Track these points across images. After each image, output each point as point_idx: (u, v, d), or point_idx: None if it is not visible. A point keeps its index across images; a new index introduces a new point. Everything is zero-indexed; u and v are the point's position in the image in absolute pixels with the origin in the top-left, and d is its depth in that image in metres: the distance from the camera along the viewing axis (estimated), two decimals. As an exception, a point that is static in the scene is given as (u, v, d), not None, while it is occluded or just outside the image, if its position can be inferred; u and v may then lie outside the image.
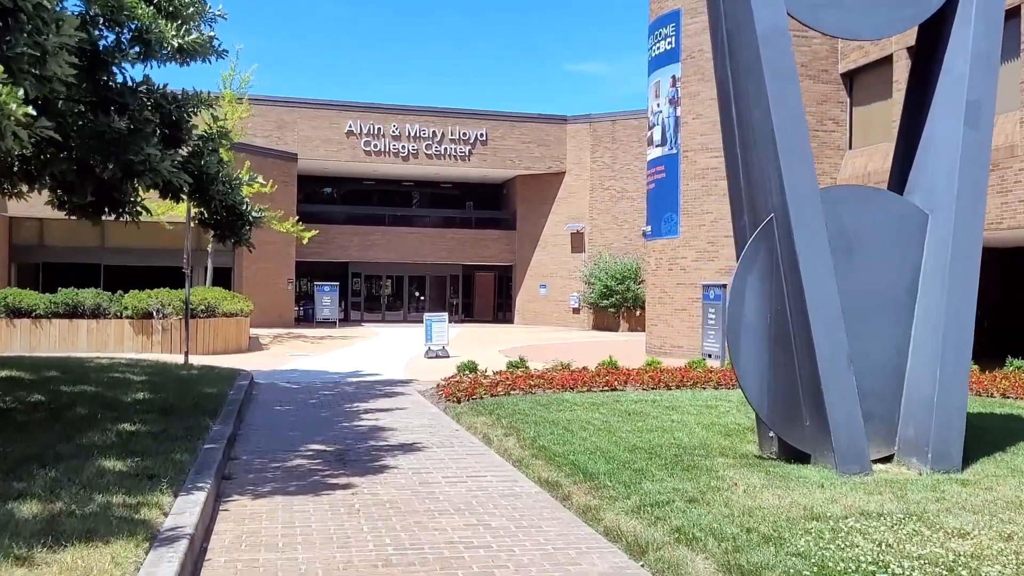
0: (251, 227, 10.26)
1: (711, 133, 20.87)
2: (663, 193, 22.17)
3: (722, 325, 16.33)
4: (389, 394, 13.82)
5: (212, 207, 9.56)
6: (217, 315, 22.51)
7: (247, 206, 10.06)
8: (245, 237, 10.33)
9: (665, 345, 21.97)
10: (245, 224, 10.09)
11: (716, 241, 20.94)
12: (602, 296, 34.59)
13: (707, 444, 8.59)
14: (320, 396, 13.46)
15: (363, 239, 38.55)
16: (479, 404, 11.50)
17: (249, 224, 10.16)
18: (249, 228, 10.25)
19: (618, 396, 12.07)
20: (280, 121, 35.35)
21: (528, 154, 37.91)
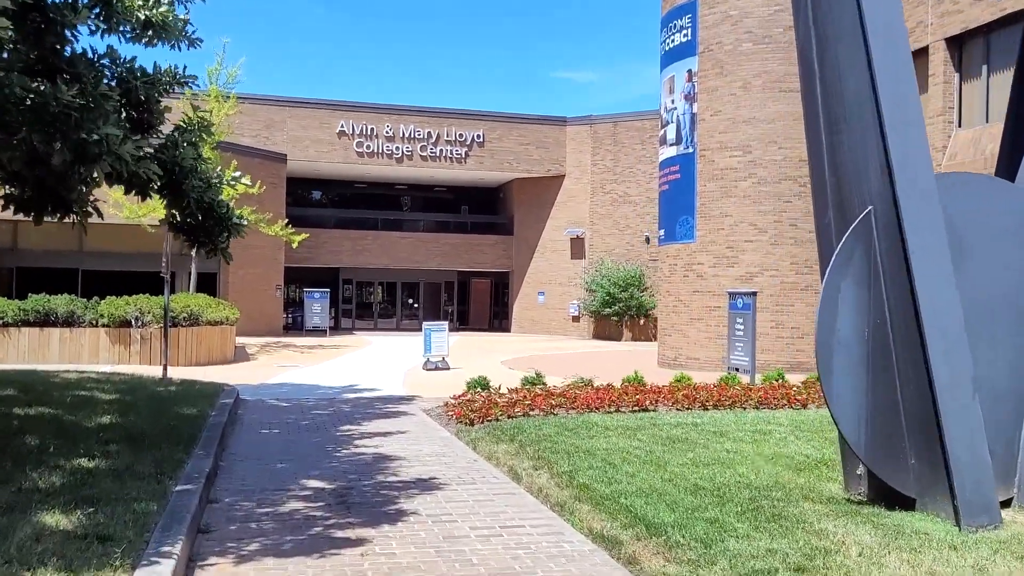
0: (231, 234, 8.79)
1: (730, 131, 19.59)
2: (678, 195, 20.84)
3: (752, 336, 15.00)
4: (390, 414, 12.38)
5: (186, 206, 8.09)
6: (201, 323, 21.01)
7: (227, 209, 8.60)
8: (222, 245, 8.87)
9: (680, 357, 20.61)
10: (224, 230, 8.62)
11: (736, 246, 19.61)
12: (604, 304, 33.23)
13: (780, 483, 7.20)
14: (313, 416, 12.00)
15: (355, 244, 37.08)
16: (496, 428, 10.09)
17: (228, 231, 8.70)
18: (228, 235, 8.79)
19: (652, 418, 10.67)
20: (269, 120, 33.88)
21: (526, 156, 36.57)
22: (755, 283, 19.25)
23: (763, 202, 19.37)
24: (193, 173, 7.90)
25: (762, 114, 19.38)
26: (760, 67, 19.42)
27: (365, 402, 13.73)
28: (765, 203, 19.35)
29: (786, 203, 19.26)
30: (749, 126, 19.48)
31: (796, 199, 19.22)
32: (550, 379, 13.53)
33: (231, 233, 8.73)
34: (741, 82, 19.59)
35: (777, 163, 19.27)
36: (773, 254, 19.30)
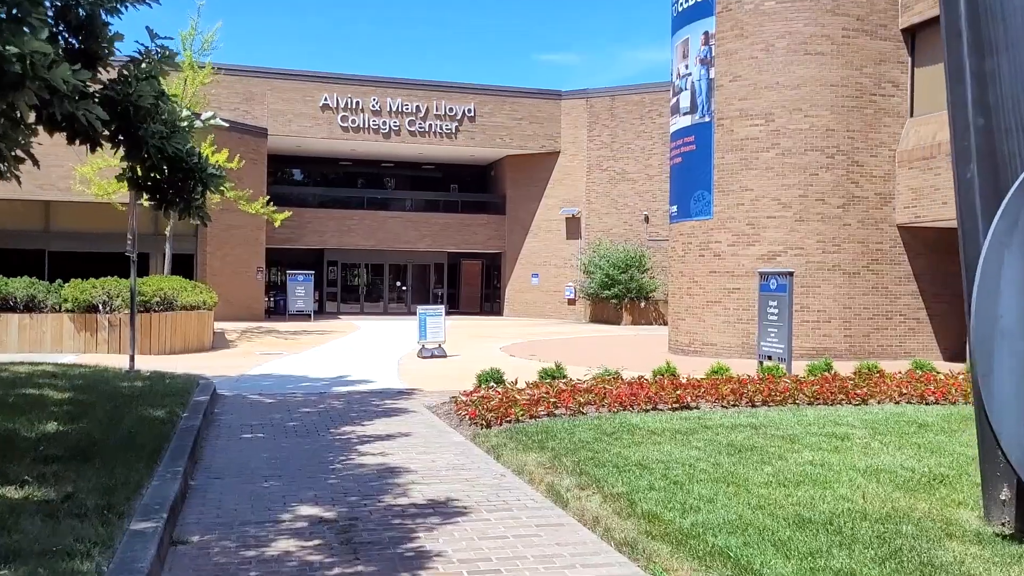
0: (206, 188, 7.13)
1: (751, 98, 18.05)
2: (692, 168, 19.31)
3: (788, 321, 13.52)
4: (390, 411, 10.81)
5: (146, 158, 6.44)
6: (175, 308, 19.32)
7: (200, 158, 6.94)
8: (197, 202, 7.21)
9: (695, 342, 19.15)
10: (197, 183, 6.97)
11: (757, 222, 18.12)
12: (603, 286, 31.73)
13: (900, 511, 5.71)
14: (302, 415, 10.42)
15: (340, 224, 35.35)
16: (520, 431, 8.56)
17: (203, 184, 7.04)
18: (203, 190, 7.12)
19: (700, 418, 9.17)
20: (248, 93, 32.01)
21: (519, 132, 34.90)
22: (778, 262, 17.78)
23: (787, 175, 17.87)
24: (153, 115, 6.26)
25: (786, 79, 17.85)
26: (784, 27, 17.86)
27: (359, 397, 12.15)
28: (789, 176, 17.85)
29: (812, 176, 17.77)
30: (772, 92, 17.95)
31: (823, 171, 17.73)
32: (569, 370, 11.94)
33: (206, 187, 7.07)
34: (763, 44, 18.04)
35: (803, 132, 17.76)
36: (798, 231, 17.83)
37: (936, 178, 16.86)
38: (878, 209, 17.87)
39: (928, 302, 18.09)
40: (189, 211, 7.14)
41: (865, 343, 17.76)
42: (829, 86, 17.66)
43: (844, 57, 17.68)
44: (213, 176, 7.01)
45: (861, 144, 17.77)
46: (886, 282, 17.89)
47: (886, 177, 17.89)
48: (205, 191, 7.08)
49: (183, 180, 6.79)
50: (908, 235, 17.99)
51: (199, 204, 7.20)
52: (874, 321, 17.82)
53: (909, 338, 17.96)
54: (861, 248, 17.80)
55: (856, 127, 17.73)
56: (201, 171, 6.85)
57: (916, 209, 17.39)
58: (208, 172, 6.91)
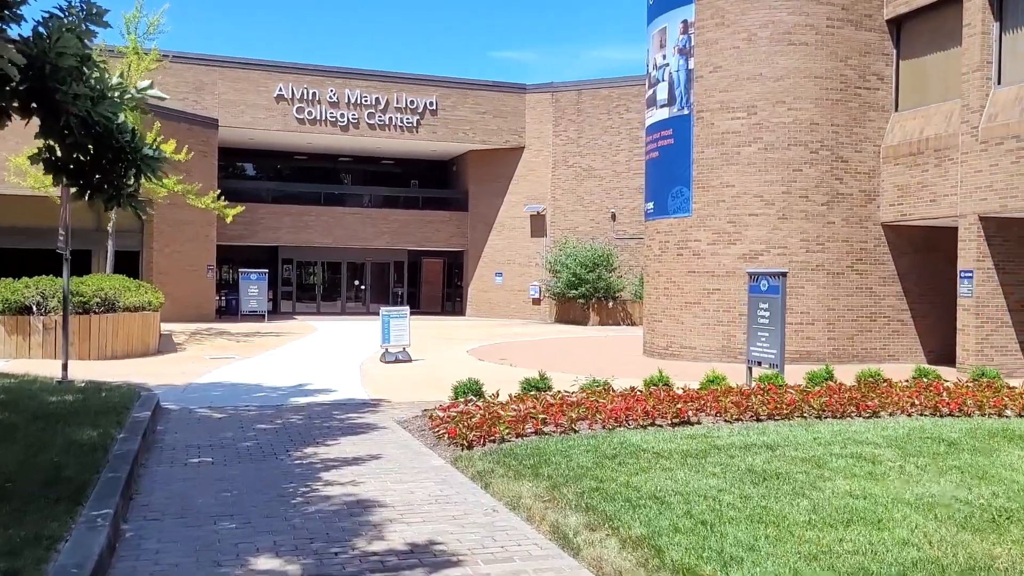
0: (141, 174, 5.94)
1: (732, 89, 17.25)
2: (670, 163, 18.46)
3: (781, 325, 12.69)
4: (356, 428, 9.72)
5: (66, 133, 5.23)
6: (117, 310, 17.93)
7: (134, 137, 5.74)
8: (129, 190, 6.00)
9: (672, 346, 18.30)
10: (129, 167, 5.77)
11: (738, 220, 17.32)
12: (570, 286, 30.83)
13: (977, 558, 4.82)
14: (257, 433, 9.27)
15: (295, 220, 33.93)
16: (507, 453, 7.55)
17: (137, 168, 5.86)
18: (137, 175, 5.93)
19: (706, 436, 8.24)
20: (197, 82, 30.46)
21: (483, 126, 33.83)
22: (760, 262, 17.02)
23: (770, 170, 17.10)
24: (75, 77, 5.09)
25: (769, 70, 17.08)
26: (767, 16, 17.09)
27: (321, 410, 11.02)
28: (772, 172, 17.09)
29: (796, 172, 17.03)
30: (754, 84, 17.17)
31: (807, 167, 17.00)
32: (550, 377, 10.93)
33: (141, 171, 5.86)
34: (745, 33, 17.25)
35: (786, 126, 17.01)
36: (780, 230, 17.08)
37: (924, 175, 16.22)
38: (862, 207, 17.20)
39: (912, 303, 17.48)
40: (119, 200, 5.91)
41: (849, 346, 17.08)
42: (813, 78, 16.93)
43: (828, 48, 16.97)
44: (149, 159, 5.78)
45: (845, 139, 17.07)
46: (870, 282, 17.24)
47: (871, 174, 17.23)
48: (140, 176, 5.88)
49: (112, 162, 5.59)
50: (893, 234, 17.35)
51: (132, 192, 5.99)
52: (858, 323, 17.15)
53: (893, 341, 17.33)
54: (845, 247, 17.11)
55: (840, 121, 17.04)
56: (135, 152, 5.64)
57: (902, 207, 16.74)
58: (143, 153, 5.71)
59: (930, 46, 16.64)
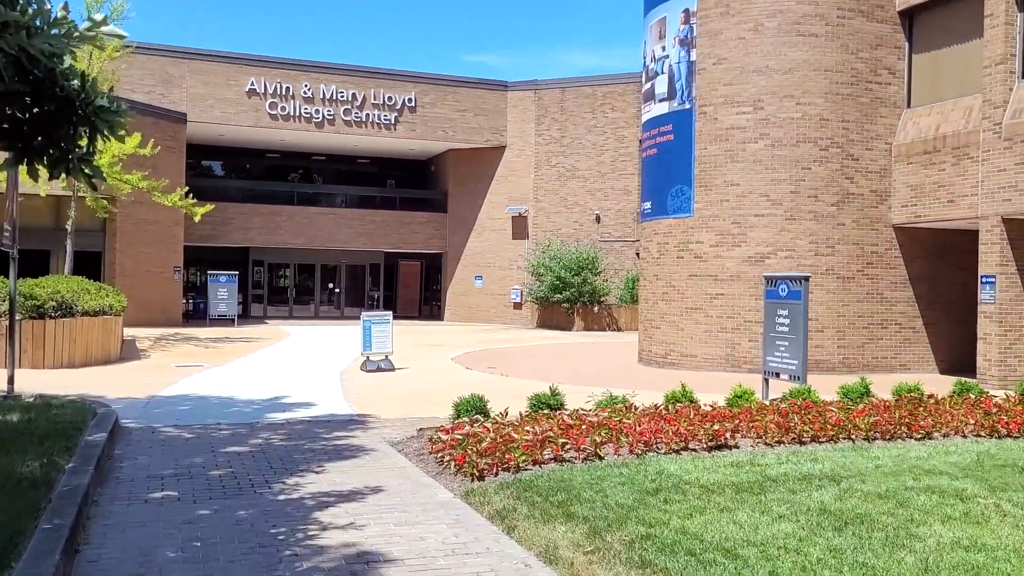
0: (95, 131, 4.69)
1: (737, 83, 16.30)
2: (670, 160, 17.46)
3: (803, 333, 11.71)
4: (344, 450, 8.54)
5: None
6: (76, 314, 16.57)
7: (85, 83, 4.46)
8: (78, 153, 4.75)
9: (672, 354, 17.28)
10: (80, 122, 4.54)
11: (743, 221, 16.36)
12: (553, 289, 29.76)
13: None
14: (230, 458, 8.06)
15: (267, 220, 32.55)
16: (528, 486, 6.44)
17: (90, 124, 4.60)
18: (91, 133, 4.72)
19: (753, 463, 7.18)
20: (165, 75, 29.02)
21: (463, 124, 32.70)
22: (767, 265, 16.07)
23: (777, 168, 16.16)
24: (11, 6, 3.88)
25: (777, 62, 16.14)
26: (774, 5, 16.15)
27: (302, 428, 9.82)
28: (780, 170, 16.15)
29: (804, 170, 16.09)
30: (761, 76, 16.22)
31: (816, 165, 16.08)
32: (541, 388, 9.78)
33: (96, 128, 4.60)
34: (751, 23, 16.30)
35: (794, 122, 16.08)
36: (788, 231, 16.13)
37: (940, 174, 15.36)
38: (873, 208, 16.31)
39: (924, 310, 16.62)
40: (67, 166, 4.65)
41: (859, 355, 16.17)
42: (823, 71, 16.02)
43: (839, 40, 16.07)
44: (105, 112, 4.51)
45: (856, 136, 16.18)
46: (881, 288, 16.34)
47: (882, 173, 16.35)
48: (95, 135, 4.63)
49: (57, 116, 4.36)
50: (904, 236, 16.48)
51: (85, 156, 4.73)
52: (869, 330, 16.25)
53: (905, 349, 16.45)
54: (856, 250, 16.21)
55: (851, 117, 16.14)
56: (85, 103, 4.41)
57: (916, 208, 15.87)
58: (97, 105, 4.46)
59: (946, 39, 15.79)
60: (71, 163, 4.53)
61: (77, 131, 4.46)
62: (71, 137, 4.46)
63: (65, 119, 4.40)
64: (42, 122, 4.33)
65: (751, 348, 16.16)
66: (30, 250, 24.25)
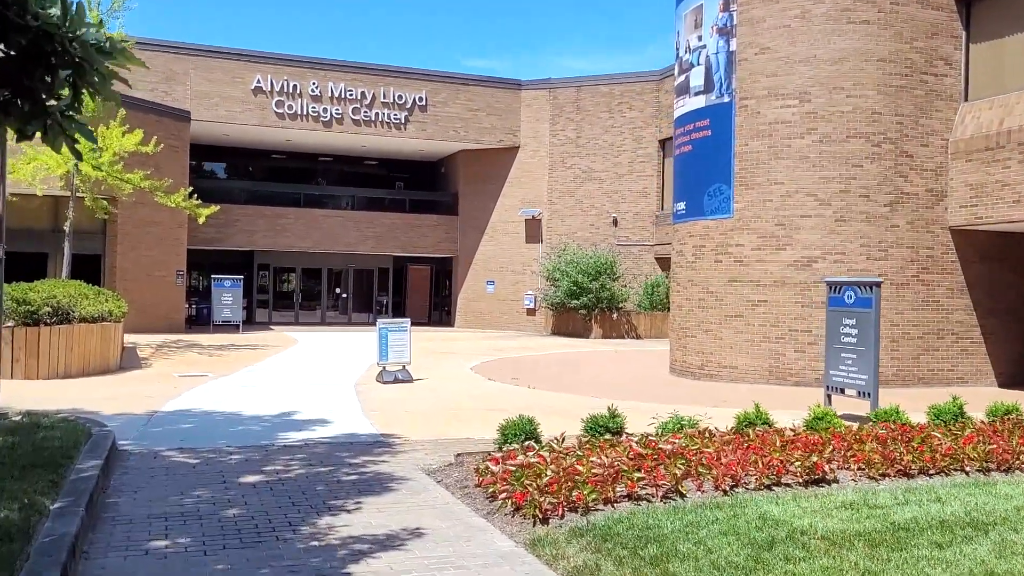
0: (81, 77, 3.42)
1: (782, 74, 15.19)
2: (706, 157, 16.34)
3: (873, 345, 10.60)
4: (373, 481, 7.41)
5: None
6: (73, 320, 15.46)
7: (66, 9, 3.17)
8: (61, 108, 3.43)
9: (708, 364, 16.15)
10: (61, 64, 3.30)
11: (789, 222, 15.24)
12: (570, 295, 28.60)
13: None
14: (244, 492, 6.94)
15: (272, 223, 31.42)
16: (606, 534, 5.32)
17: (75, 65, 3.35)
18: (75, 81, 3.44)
19: (869, 504, 6.05)
20: (168, 72, 27.91)
21: (476, 124, 31.58)
22: (814, 270, 14.96)
23: (826, 166, 15.04)
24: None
25: (825, 52, 15.03)
26: (823, -9, 15.06)
27: (322, 452, 8.69)
28: (829, 167, 15.03)
29: (855, 167, 14.98)
30: (808, 67, 15.11)
31: (868, 163, 14.96)
32: (571, 402, 8.60)
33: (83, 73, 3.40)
34: (797, 10, 15.20)
35: (844, 115, 14.97)
36: (838, 233, 15.01)
37: (1004, 172, 14.24)
38: (929, 208, 15.19)
39: (981, 318, 15.49)
40: (44, 122, 3.48)
41: (914, 367, 15.04)
42: (876, 61, 14.91)
43: (893, 28, 14.97)
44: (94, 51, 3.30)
45: (911, 131, 15.07)
46: (937, 295, 15.21)
47: (938, 171, 15.23)
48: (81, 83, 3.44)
49: (29, 54, 3.21)
50: (961, 239, 15.36)
51: (66, 109, 3.59)
52: (924, 340, 15.11)
53: (962, 361, 15.32)
54: (910, 254, 15.09)
55: (906, 111, 15.03)
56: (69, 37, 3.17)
57: (976, 209, 14.75)
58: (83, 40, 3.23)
59: (1008, 26, 14.68)
60: (48, 120, 3.38)
61: (57, 76, 3.32)
62: (48, 84, 3.32)
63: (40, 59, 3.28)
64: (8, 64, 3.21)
65: (797, 359, 15.03)
66: (27, 253, 23.15)
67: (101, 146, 19.46)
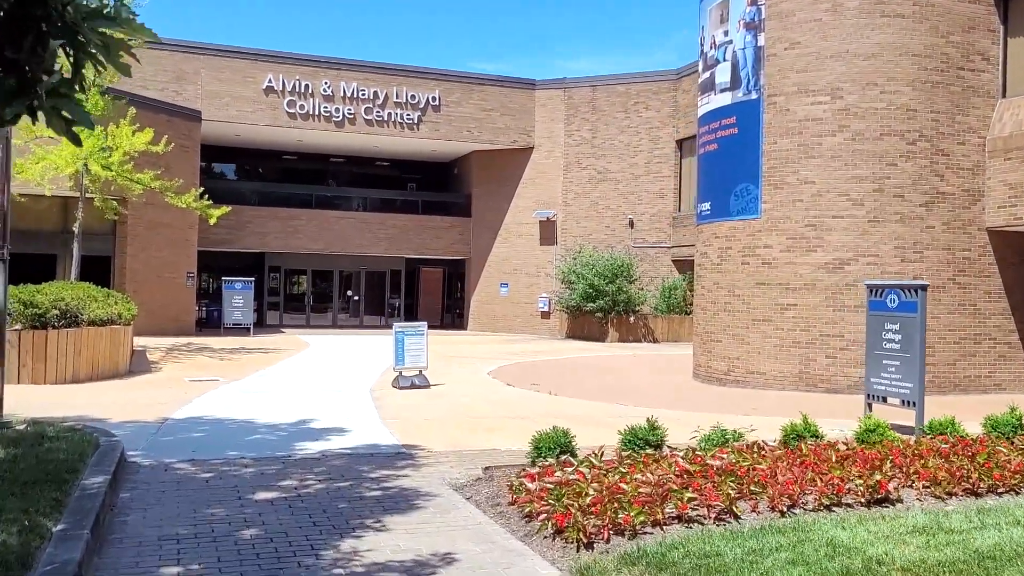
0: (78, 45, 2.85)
1: (813, 69, 14.67)
2: (732, 156, 15.83)
3: (919, 351, 10.07)
4: (400, 498, 6.93)
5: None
6: (81, 323, 15.06)
7: None
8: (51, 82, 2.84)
9: (735, 370, 15.63)
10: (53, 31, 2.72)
11: (820, 223, 14.71)
12: (586, 298, 28.09)
13: None
14: (261, 510, 6.47)
15: (284, 224, 31.02)
16: (661, 563, 4.82)
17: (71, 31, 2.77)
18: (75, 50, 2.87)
19: (944, 529, 5.55)
20: (179, 71, 27.56)
21: (489, 124, 31.12)
22: (846, 272, 14.43)
23: (859, 164, 14.51)
24: None
25: (858, 46, 14.51)
26: (856, -16, 14.53)
27: (342, 464, 8.21)
28: (861, 166, 14.50)
29: (890, 166, 14.44)
30: (840, 62, 14.60)
31: (903, 161, 14.43)
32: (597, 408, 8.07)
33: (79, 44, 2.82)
34: (828, 3, 14.68)
35: (878, 112, 14.44)
36: (871, 235, 14.47)
37: (1046, 171, 13.69)
38: (966, 209, 14.64)
39: (1020, 323, 14.92)
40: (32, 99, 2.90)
41: (950, 373, 14.48)
42: (910, 56, 14.38)
43: (928, 21, 14.44)
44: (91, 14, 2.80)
45: (947, 129, 14.53)
46: (974, 298, 14.66)
47: (975, 170, 14.68)
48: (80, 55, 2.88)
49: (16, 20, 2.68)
50: (999, 240, 14.81)
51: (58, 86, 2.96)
52: (960, 346, 14.56)
53: (1000, 367, 14.76)
54: (946, 256, 14.54)
55: (941, 108, 14.49)
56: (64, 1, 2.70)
57: (1015, 209, 14.19)
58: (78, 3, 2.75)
59: (1050, 19, 14.14)
60: (36, 95, 2.86)
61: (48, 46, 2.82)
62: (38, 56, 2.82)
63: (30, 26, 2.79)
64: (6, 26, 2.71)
65: (828, 365, 14.50)
66: (35, 254, 22.79)
67: (111, 145, 19.07)
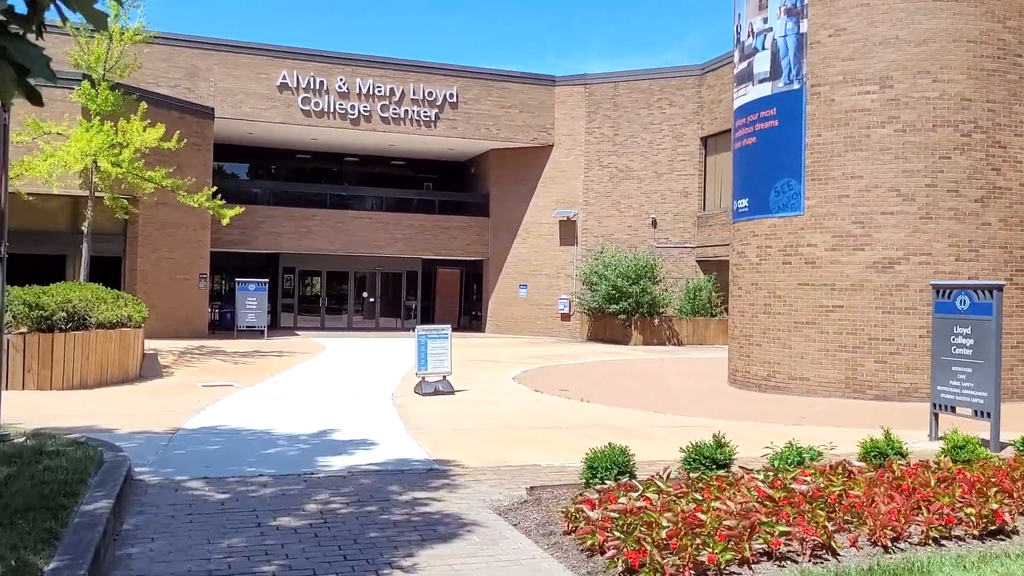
0: None
1: (860, 57, 13.84)
2: (773, 150, 15.01)
3: (994, 358, 9.25)
4: (438, 526, 6.16)
5: None
6: (89, 326, 14.39)
7: None
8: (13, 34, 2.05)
9: (776, 376, 14.80)
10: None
11: (868, 220, 13.88)
12: (609, 299, 27.28)
13: None
14: (285, 539, 5.71)
15: (298, 224, 30.35)
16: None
17: None
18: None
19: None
20: (191, 68, 26.93)
21: (508, 122, 30.37)
22: (896, 272, 13.60)
23: (909, 158, 13.67)
24: None
25: (908, 32, 13.68)
26: (906, -34, 13.70)
27: (370, 484, 7.44)
28: (913, 159, 13.66)
29: (943, 159, 13.60)
30: (889, 49, 13.76)
31: (957, 154, 13.58)
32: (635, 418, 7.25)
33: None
34: (877, -12, 13.86)
35: (930, 102, 13.60)
36: (924, 232, 13.63)
37: (1113, 163, 12.82)
38: (1023, 204, 13.79)
39: (1080, 325, 14.04)
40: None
41: (1008, 380, 13.56)
42: (965, 43, 13.54)
43: (984, 5, 13.60)
44: None
45: (1004, 120, 13.68)
46: (1033, 299, 13.80)
47: (1033, 163, 13.83)
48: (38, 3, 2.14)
49: None
50: (1059, 238, 13.94)
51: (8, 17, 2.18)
52: (1019, 350, 13.70)
53: (1061, 372, 13.89)
54: (1004, 255, 13.69)
55: (998, 97, 13.64)
56: None
57: (1078, 204, 13.33)
58: None
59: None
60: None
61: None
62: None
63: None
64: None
65: (877, 371, 13.66)
66: (44, 255, 22.19)
67: (121, 141, 18.42)
